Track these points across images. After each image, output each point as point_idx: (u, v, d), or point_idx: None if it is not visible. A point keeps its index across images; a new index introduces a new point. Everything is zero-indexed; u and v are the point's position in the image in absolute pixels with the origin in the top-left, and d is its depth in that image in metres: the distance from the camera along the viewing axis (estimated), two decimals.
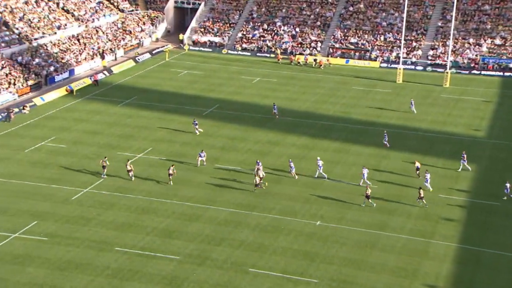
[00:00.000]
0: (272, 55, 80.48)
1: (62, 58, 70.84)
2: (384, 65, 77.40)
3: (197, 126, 52.50)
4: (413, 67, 76.14)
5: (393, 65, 76.28)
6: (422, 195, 40.56)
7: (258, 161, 44.27)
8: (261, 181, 42.81)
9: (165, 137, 52.06)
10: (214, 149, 49.80)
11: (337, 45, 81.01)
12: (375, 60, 78.35)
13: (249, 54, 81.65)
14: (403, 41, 74.37)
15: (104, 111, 58.07)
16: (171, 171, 43.23)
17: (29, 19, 74.44)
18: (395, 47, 79.19)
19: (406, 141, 52.29)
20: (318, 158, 45.74)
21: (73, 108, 59.12)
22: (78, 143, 50.39)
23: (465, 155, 46.30)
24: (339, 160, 48.19)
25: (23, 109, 57.51)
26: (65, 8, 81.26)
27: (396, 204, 41.49)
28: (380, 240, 36.97)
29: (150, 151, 49.03)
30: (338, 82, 70.19)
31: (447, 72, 69.37)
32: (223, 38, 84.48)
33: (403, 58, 75.79)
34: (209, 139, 51.80)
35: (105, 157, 45.04)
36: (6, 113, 55.54)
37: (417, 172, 44.71)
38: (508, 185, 41.88)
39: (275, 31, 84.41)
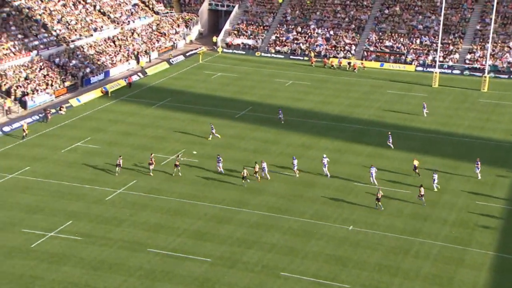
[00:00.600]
0: (306, 58, 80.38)
1: (98, 60, 72.01)
2: (420, 68, 76.59)
3: (213, 131, 51.92)
4: (449, 71, 75.17)
5: (429, 69, 75.42)
6: (422, 193, 40.98)
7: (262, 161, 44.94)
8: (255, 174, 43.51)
9: (197, 139, 52.44)
10: (246, 152, 49.96)
11: (371, 48, 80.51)
12: (411, 64, 77.58)
13: (282, 57, 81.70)
14: (439, 45, 73.53)
15: (138, 112, 58.79)
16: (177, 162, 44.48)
17: (67, 21, 75.89)
18: (431, 51, 78.29)
19: (442, 147, 51.67)
20: (324, 155, 46.07)
21: (108, 109, 60.00)
22: (112, 144, 51.12)
23: (479, 162, 45.27)
24: (372, 164, 47.84)
25: (60, 110, 58.66)
26: (101, 11, 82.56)
27: (431, 209, 41.03)
28: (413, 246, 36.61)
29: (182, 153, 49.43)
30: (372, 86, 69.72)
31: (485, 77, 68.30)
32: (256, 41, 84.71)
33: (440, 61, 74.89)
34: (241, 142, 52.00)
35: (119, 156, 45.88)
36: (43, 114, 56.73)
37: (416, 171, 45.01)
38: None
39: (309, 33, 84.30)
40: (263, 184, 44.23)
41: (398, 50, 79.75)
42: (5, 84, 60.67)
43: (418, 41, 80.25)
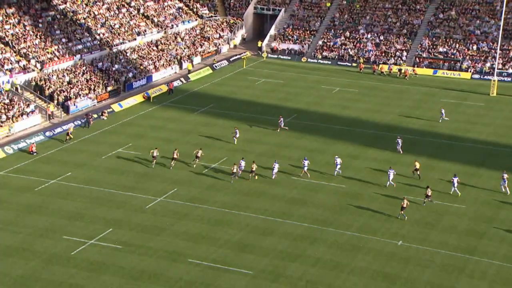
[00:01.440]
0: (354, 64, 79.91)
1: (141, 65, 73.17)
2: (476, 76, 75.16)
3: (237, 136, 52.47)
4: (509, 79, 73.51)
5: (486, 77, 73.95)
6: (429, 194, 41.88)
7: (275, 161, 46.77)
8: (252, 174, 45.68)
9: (240, 146, 52.62)
10: (291, 161, 49.87)
11: (424, 55, 79.45)
12: (466, 71, 76.21)
13: (329, 62, 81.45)
14: (498, 51, 72.02)
15: (180, 118, 59.40)
16: (199, 154, 47.60)
17: (110, 25, 77.48)
18: (489, 58, 76.71)
19: (499, 159, 50.52)
20: (336, 156, 47.34)
21: (150, 115, 60.82)
22: (151, 149, 51.73)
23: (505, 175, 44.55)
24: (424, 177, 47.12)
25: (102, 115, 59.79)
26: (145, 14, 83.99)
27: (487, 226, 40.10)
28: (468, 265, 35.81)
29: (225, 161, 49.71)
30: (425, 94, 68.78)
31: None
32: (302, 46, 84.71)
33: (498, 69, 73.32)
34: (286, 150, 51.93)
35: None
36: (85, 119, 57.92)
37: (417, 173, 46.15)
38: None
39: (358, 39, 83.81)
40: (308, 195, 44.06)
41: (453, 56, 78.46)
42: (48, 89, 62.23)
43: (475, 47, 78.75)
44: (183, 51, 79.89)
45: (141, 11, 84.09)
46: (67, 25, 73.00)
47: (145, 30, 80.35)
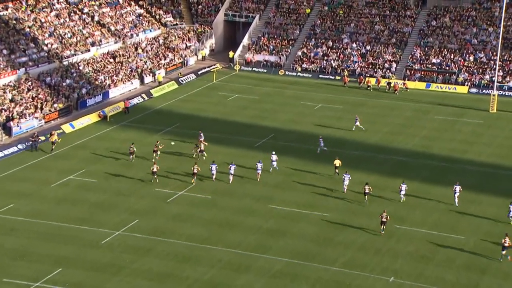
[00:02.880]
0: (338, 78, 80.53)
1: (96, 79, 72.85)
2: (474, 90, 76.22)
3: (199, 148, 54.44)
4: (510, 93, 74.66)
5: (485, 91, 75.03)
6: (367, 191, 46.37)
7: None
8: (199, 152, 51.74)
9: (209, 171, 52.47)
10: (267, 187, 49.83)
11: (416, 66, 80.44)
12: (463, 85, 77.29)
13: (310, 76, 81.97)
14: (498, 62, 73.12)
15: (142, 140, 59.08)
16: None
17: (60, 35, 77.11)
18: (488, 69, 77.92)
19: (501, 183, 51.01)
20: (273, 152, 52.28)
21: (106, 137, 60.41)
22: (111, 177, 51.32)
23: (458, 187, 46.51)
24: (417, 204, 47.38)
25: (50, 137, 59.09)
26: (100, 22, 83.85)
27: (489, 260, 40.32)
28: None
29: (192, 188, 49.45)
30: (417, 111, 69.48)
31: None
32: (280, 57, 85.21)
33: (498, 82, 74.44)
34: (262, 175, 51.88)
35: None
36: (31, 142, 57.23)
37: (337, 171, 50.88)
38: None
39: (342, 49, 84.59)
40: (288, 225, 43.95)
41: (447, 68, 79.57)
42: None
43: (472, 58, 79.97)
44: (145, 63, 79.78)
45: (96, 18, 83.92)
46: (9, 34, 72.45)
47: (101, 40, 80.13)
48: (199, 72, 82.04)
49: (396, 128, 64.04)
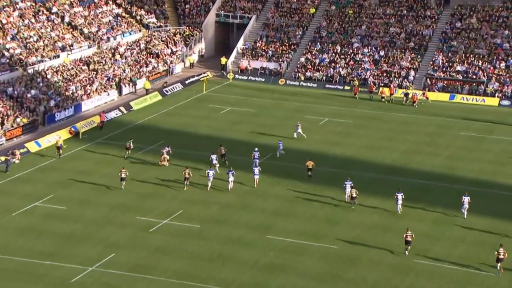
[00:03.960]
0: (347, 88, 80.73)
1: (66, 90, 72.99)
2: (506, 103, 76.48)
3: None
4: None
5: None
6: (354, 195, 50.33)
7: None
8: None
9: (200, 196, 52.46)
10: (265, 214, 49.81)
11: (437, 75, 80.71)
12: (493, 96, 77.54)
13: (315, 85, 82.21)
14: None
15: (119, 160, 59.07)
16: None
17: (24, 38, 77.33)
18: None
19: None
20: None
21: (79, 157, 60.40)
22: (83, 203, 51.26)
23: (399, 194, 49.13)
24: (440, 234, 47.32)
25: (12, 156, 59.18)
26: (72, 24, 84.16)
27: None
28: None
29: (179, 215, 49.43)
30: (439, 126, 69.62)
31: None
32: (280, 64, 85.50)
33: None
34: (259, 200, 51.85)
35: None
36: (5, 160, 57.23)
37: (309, 173, 54.74)
38: None
39: (352, 54, 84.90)
40: (289, 259, 43.85)
41: (474, 77, 79.83)
42: None
43: (503, 65, 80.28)
44: (123, 71, 79.99)
45: (66, 19, 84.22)
46: None
47: (72, 44, 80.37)
48: (187, 82, 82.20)
49: (414, 146, 64.10)
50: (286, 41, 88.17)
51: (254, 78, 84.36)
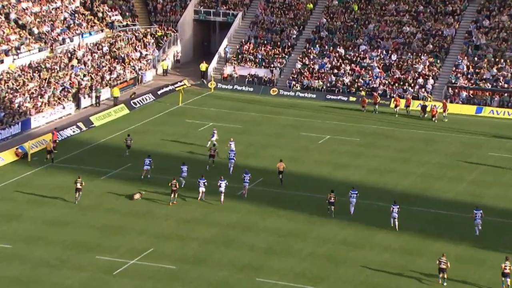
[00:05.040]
0: (352, 99, 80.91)
1: (11, 102, 72.78)
2: None
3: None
4: None
5: None
6: (332, 200, 54.21)
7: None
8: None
9: (174, 231, 52.37)
10: (254, 252, 49.72)
11: (461, 83, 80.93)
12: None
13: (313, 96, 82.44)
14: None
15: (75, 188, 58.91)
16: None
17: None
18: None
19: None
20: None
21: (27, 183, 60.06)
22: (32, 241, 50.95)
23: None
24: (466, 275, 47.38)
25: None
26: (19, 22, 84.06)
27: None
28: None
29: (150, 254, 49.28)
30: (464, 144, 69.77)
31: None
32: (271, 71, 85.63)
33: None
34: (247, 235, 51.76)
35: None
36: None
37: (280, 176, 58.95)
38: None
39: (358, 58, 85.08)
40: None
41: (506, 86, 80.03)
42: None
43: None
44: (82, 79, 79.85)
45: (12, 16, 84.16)
46: None
47: (19, 47, 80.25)
48: (159, 92, 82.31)
49: (433, 169, 64.16)
50: (279, 43, 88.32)
51: (240, 88, 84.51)
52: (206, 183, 56.39)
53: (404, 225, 53.24)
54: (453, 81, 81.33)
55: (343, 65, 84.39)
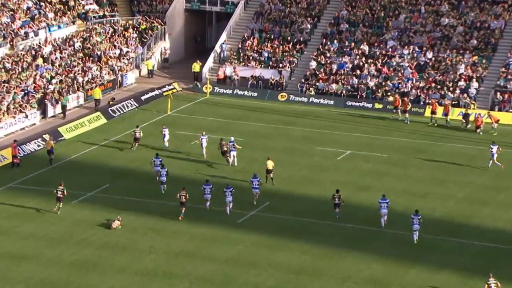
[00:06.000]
0: (378, 105, 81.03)
1: None
2: None
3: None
4: None
5: None
6: (337, 202, 57.69)
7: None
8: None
9: (161, 266, 52.31)
10: None
11: None
12: None
13: (331, 103, 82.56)
14: None
15: (41, 216, 58.85)
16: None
17: None
18: None
19: None
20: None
21: None
22: None
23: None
24: None
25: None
26: None
27: None
28: None
29: None
30: None
31: None
32: (280, 72, 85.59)
33: None
34: (251, 273, 51.78)
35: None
36: None
37: (270, 176, 63.21)
38: None
39: (385, 57, 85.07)
40: None
41: None
42: None
43: None
44: (49, 82, 79.78)
45: None
46: None
47: None
48: (143, 97, 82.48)
49: (478, 192, 64.01)
50: (289, 37, 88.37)
51: (242, 93, 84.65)
52: (233, 191, 59.27)
53: (443, 261, 53.14)
54: (502, 84, 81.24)
55: (366, 65, 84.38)
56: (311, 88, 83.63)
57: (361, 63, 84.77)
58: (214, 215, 57.65)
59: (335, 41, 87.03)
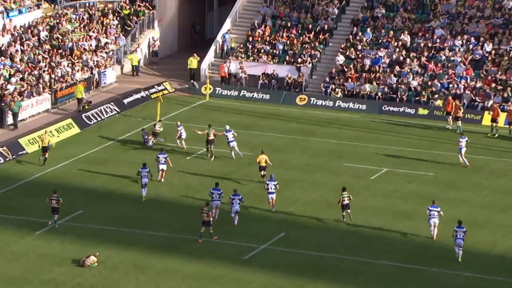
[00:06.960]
0: (423, 111, 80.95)
1: None
2: None
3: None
4: None
5: None
6: (346, 202, 61.05)
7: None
8: None
9: None
10: None
11: None
12: None
13: (363, 107, 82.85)
14: None
15: (2, 248, 58.82)
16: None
17: None
18: None
19: None
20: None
21: None
22: None
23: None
24: None
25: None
26: None
27: None
28: None
29: None
30: None
31: None
32: (298, 68, 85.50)
33: None
34: None
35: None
36: None
37: (263, 173, 67.47)
38: None
39: (432, 50, 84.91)
40: None
41: None
42: None
43: None
44: (7, 82, 79.79)
45: None
46: None
47: None
48: (126, 101, 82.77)
49: None
50: (309, 25, 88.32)
51: (250, 95, 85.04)
52: (242, 199, 61.84)
53: None
54: None
55: (408, 60, 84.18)
56: (337, 89, 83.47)
57: (401, 58, 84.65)
58: (213, 246, 57.23)
59: (369, 30, 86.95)
